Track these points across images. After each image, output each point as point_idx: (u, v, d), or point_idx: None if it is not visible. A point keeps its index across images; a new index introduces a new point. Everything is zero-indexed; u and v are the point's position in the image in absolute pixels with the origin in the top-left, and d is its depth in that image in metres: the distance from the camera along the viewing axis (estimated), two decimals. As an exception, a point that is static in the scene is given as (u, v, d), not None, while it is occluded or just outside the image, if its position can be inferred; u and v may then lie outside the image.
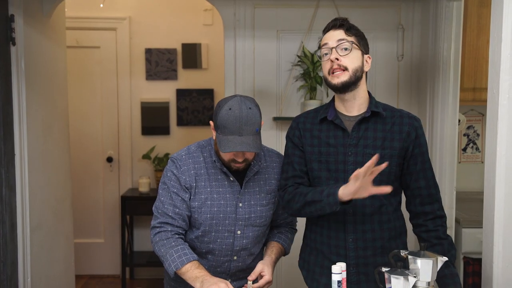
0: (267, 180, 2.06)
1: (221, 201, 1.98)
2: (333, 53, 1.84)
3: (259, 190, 2.03)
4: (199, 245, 2.03)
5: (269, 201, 2.05)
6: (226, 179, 1.99)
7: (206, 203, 1.97)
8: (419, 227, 1.93)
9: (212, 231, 1.99)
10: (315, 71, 3.28)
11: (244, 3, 3.36)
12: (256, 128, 1.84)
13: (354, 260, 1.91)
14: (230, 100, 1.86)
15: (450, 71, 2.98)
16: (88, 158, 4.75)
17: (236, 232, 2.01)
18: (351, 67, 1.84)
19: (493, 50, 1.91)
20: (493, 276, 1.91)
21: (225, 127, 1.82)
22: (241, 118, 1.81)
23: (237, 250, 2.03)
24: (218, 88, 4.64)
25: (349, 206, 1.86)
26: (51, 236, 3.30)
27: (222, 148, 1.83)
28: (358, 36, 1.88)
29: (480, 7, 3.15)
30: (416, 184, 1.91)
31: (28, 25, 2.92)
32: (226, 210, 1.98)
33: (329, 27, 1.91)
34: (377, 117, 1.90)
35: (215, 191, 1.98)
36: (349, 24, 1.89)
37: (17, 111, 2.82)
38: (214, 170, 1.99)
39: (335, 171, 1.90)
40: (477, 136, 3.69)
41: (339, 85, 1.84)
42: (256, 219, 2.02)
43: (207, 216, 1.97)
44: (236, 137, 1.81)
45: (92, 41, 4.67)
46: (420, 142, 1.91)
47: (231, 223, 1.99)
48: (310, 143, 1.95)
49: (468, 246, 3.05)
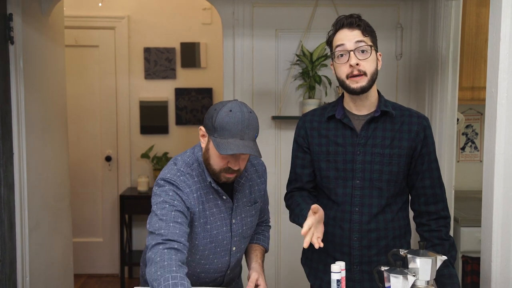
0: (252, 188, 1.96)
1: (217, 222, 1.85)
2: (351, 57, 1.79)
3: (247, 201, 1.93)
4: (194, 266, 1.91)
5: (256, 210, 1.98)
6: (218, 198, 1.85)
7: (205, 228, 1.83)
8: (422, 226, 1.94)
9: (210, 254, 1.89)
10: (314, 70, 3.28)
11: (243, 2, 3.36)
12: (255, 135, 1.73)
13: (358, 258, 1.91)
14: (228, 103, 1.72)
15: (449, 70, 2.98)
16: (87, 157, 4.75)
17: (232, 249, 1.92)
18: (369, 71, 1.80)
19: (492, 49, 1.91)
20: (492, 274, 1.91)
21: (224, 129, 1.67)
22: (243, 121, 1.67)
23: (232, 266, 1.97)
24: (217, 87, 4.64)
25: (356, 205, 1.88)
26: (50, 235, 3.30)
27: (222, 150, 1.65)
28: (373, 36, 1.84)
29: (478, 6, 3.16)
30: (421, 183, 1.91)
31: (26, 24, 2.92)
32: (223, 230, 1.87)
33: (343, 24, 1.83)
34: (386, 116, 1.89)
35: (210, 213, 1.83)
36: (366, 23, 1.83)
37: (16, 110, 2.82)
38: (206, 190, 1.82)
39: (343, 170, 1.90)
40: (475, 135, 3.69)
41: (358, 90, 1.81)
42: (248, 231, 1.95)
43: (207, 241, 1.85)
44: (237, 140, 1.67)
45: (91, 40, 4.66)
46: (428, 141, 1.90)
47: (228, 242, 1.89)
48: (318, 143, 1.94)
49: (466, 245, 3.05)
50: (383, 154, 1.87)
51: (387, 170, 1.87)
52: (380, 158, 1.87)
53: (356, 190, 1.89)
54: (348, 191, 1.90)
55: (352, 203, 1.89)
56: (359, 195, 1.89)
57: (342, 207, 1.91)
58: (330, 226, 1.94)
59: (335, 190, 1.92)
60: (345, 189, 1.90)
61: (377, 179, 1.88)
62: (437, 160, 1.94)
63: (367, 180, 1.88)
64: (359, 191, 1.89)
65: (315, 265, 2.02)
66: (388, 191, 1.89)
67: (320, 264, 2.00)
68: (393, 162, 1.87)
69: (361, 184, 1.88)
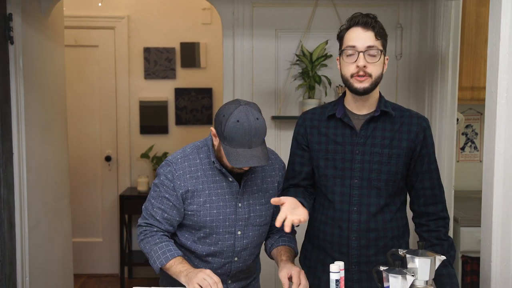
0: (264, 179, 2.04)
1: (220, 202, 1.95)
2: (360, 58, 1.81)
3: (257, 189, 2.01)
4: (200, 248, 2.00)
5: (267, 199, 2.02)
6: (224, 180, 1.96)
7: (205, 206, 1.94)
8: (421, 227, 1.94)
9: (212, 233, 1.97)
10: (314, 70, 3.28)
11: (243, 2, 3.36)
12: (263, 137, 1.83)
13: (356, 258, 1.91)
14: (235, 110, 1.81)
15: (449, 70, 2.98)
16: (87, 157, 4.74)
17: (237, 233, 1.98)
18: (375, 74, 1.83)
19: (492, 49, 1.91)
20: (491, 274, 1.91)
21: (233, 139, 1.79)
22: (250, 131, 1.78)
23: (238, 251, 2.01)
24: (217, 87, 4.64)
25: (354, 205, 1.88)
26: (50, 235, 3.30)
27: (232, 162, 1.80)
28: (384, 39, 1.86)
29: (478, 6, 3.15)
30: (421, 184, 1.91)
31: (26, 24, 2.92)
32: (226, 212, 1.96)
33: (357, 22, 1.85)
34: (386, 117, 1.90)
35: (214, 193, 1.95)
36: (380, 25, 1.85)
37: (15, 110, 2.82)
38: (211, 172, 1.96)
39: (341, 169, 1.90)
40: (475, 135, 3.69)
41: (361, 90, 1.83)
42: (256, 218, 2.00)
43: (207, 219, 1.95)
44: (245, 149, 1.80)
45: (91, 40, 4.66)
46: (427, 142, 1.90)
47: (231, 224, 1.97)
48: (318, 141, 1.95)
49: (466, 245, 3.05)
50: (382, 154, 1.87)
51: (386, 170, 1.87)
52: (379, 158, 1.87)
53: (354, 190, 1.89)
54: (346, 191, 1.90)
55: (351, 203, 1.90)
56: (357, 195, 1.89)
57: (340, 207, 1.91)
58: (328, 225, 1.95)
59: (332, 188, 1.92)
60: (343, 188, 1.91)
61: (375, 179, 1.88)
62: (437, 161, 1.95)
63: (366, 180, 1.88)
64: (357, 191, 1.89)
65: (313, 264, 2.02)
66: (386, 191, 1.89)
67: (319, 264, 2.00)
68: (391, 162, 1.87)
69: (359, 184, 1.88)
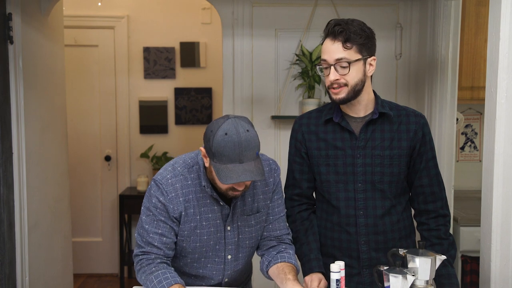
0: (255, 196, 1.89)
1: (211, 228, 1.82)
2: (331, 72, 1.79)
3: (248, 209, 1.87)
4: (188, 270, 1.91)
5: (258, 219, 1.90)
6: (215, 204, 1.82)
7: (195, 232, 1.81)
8: (421, 225, 1.94)
9: (201, 257, 1.86)
10: (313, 69, 3.28)
11: (243, 2, 3.36)
12: (256, 152, 1.66)
13: (367, 262, 1.91)
14: (223, 123, 1.64)
15: (448, 70, 2.98)
16: (86, 157, 4.74)
17: (227, 257, 1.88)
18: (352, 82, 1.79)
19: (491, 49, 1.92)
20: (491, 274, 1.92)
21: (222, 154, 1.62)
22: (240, 144, 1.61)
23: (228, 274, 1.93)
24: (217, 87, 4.64)
25: (360, 209, 1.87)
26: (49, 235, 3.30)
27: (223, 179, 1.62)
28: (359, 44, 1.76)
29: (478, 6, 3.15)
30: (419, 182, 1.91)
31: (26, 24, 2.92)
32: (216, 236, 1.84)
33: (328, 32, 1.81)
34: (383, 118, 1.88)
35: (204, 217, 1.81)
36: (353, 30, 1.76)
37: (15, 109, 2.82)
38: (202, 194, 1.81)
39: (343, 174, 1.89)
40: (475, 134, 3.69)
41: (337, 101, 1.83)
42: (245, 241, 1.89)
43: (196, 245, 1.83)
44: (237, 165, 1.62)
45: (90, 39, 4.66)
46: (425, 139, 1.90)
47: (221, 248, 1.86)
48: (317, 147, 1.92)
49: (466, 245, 3.05)
50: (383, 155, 1.86)
51: (388, 172, 1.87)
52: (381, 160, 1.86)
53: (359, 194, 1.88)
54: (351, 195, 1.89)
55: (356, 207, 1.89)
56: (363, 198, 1.88)
57: (346, 212, 1.90)
58: (335, 231, 1.93)
59: (336, 194, 1.91)
60: (347, 193, 1.89)
61: (378, 181, 1.87)
62: (436, 158, 1.94)
63: (369, 183, 1.87)
64: (362, 194, 1.88)
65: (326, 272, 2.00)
66: (390, 192, 1.89)
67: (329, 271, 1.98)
68: (393, 163, 1.87)
69: (363, 187, 1.88)
